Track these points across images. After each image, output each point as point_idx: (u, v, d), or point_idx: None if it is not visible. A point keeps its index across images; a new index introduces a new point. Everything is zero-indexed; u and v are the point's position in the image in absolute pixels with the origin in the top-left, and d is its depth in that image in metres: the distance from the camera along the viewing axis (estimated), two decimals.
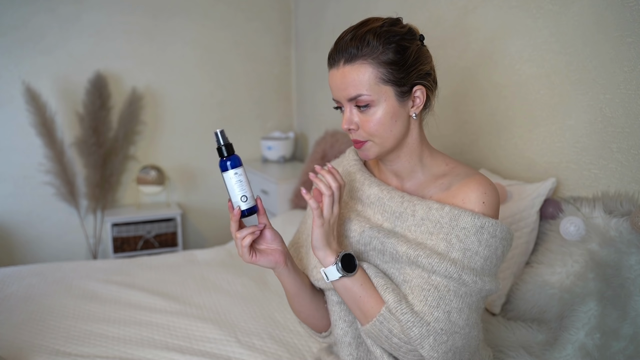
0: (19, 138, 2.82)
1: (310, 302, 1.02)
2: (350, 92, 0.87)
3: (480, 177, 0.92)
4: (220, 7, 3.17)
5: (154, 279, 1.91)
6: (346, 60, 0.87)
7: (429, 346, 0.84)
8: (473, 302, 0.87)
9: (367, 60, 0.85)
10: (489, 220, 0.87)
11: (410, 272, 0.89)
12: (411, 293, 0.87)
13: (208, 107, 3.25)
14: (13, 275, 1.88)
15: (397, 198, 0.94)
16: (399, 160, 0.96)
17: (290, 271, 0.96)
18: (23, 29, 2.75)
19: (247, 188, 0.89)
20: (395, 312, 0.85)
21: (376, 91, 0.86)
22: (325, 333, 1.07)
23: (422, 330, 0.84)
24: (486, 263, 0.87)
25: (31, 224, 2.94)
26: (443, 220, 0.88)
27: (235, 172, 0.88)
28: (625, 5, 1.22)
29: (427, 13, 1.97)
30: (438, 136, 1.98)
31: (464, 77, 1.80)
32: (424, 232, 0.90)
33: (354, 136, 0.91)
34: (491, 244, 0.87)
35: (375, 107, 0.87)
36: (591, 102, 1.34)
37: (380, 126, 0.88)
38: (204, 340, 1.44)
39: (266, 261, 0.92)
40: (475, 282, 0.85)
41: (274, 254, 0.93)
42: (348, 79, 0.87)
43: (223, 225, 3.42)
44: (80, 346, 1.41)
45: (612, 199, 1.20)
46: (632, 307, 1.05)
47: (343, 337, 0.99)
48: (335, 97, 0.91)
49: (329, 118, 2.90)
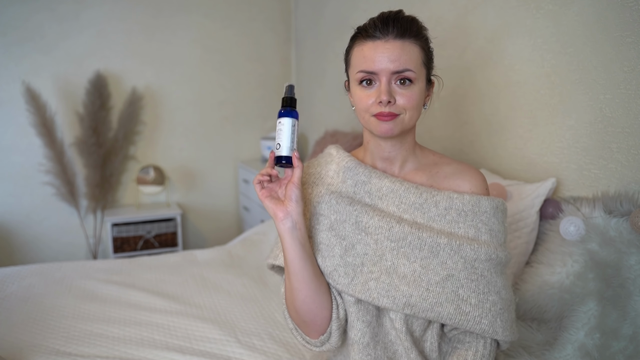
0: (19, 138, 2.82)
1: (310, 281, 0.93)
2: (400, 65, 0.88)
3: (472, 166, 1.02)
4: (220, 7, 3.17)
5: (154, 279, 1.91)
6: (399, 34, 0.89)
7: (500, 328, 0.91)
8: (505, 273, 0.97)
9: (418, 41, 0.91)
10: (499, 200, 0.96)
11: (453, 266, 0.90)
12: (461, 287, 0.90)
13: (208, 107, 3.25)
14: (13, 275, 1.88)
15: (412, 189, 0.95)
16: (398, 147, 0.97)
17: (293, 237, 0.91)
18: (23, 29, 2.75)
19: (293, 142, 0.93)
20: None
21: (419, 70, 0.91)
22: (323, 337, 0.97)
23: (489, 318, 0.90)
24: (504, 236, 0.97)
25: (31, 224, 2.94)
26: (466, 208, 0.93)
27: (293, 123, 0.93)
28: (625, 5, 1.22)
29: (427, 13, 1.97)
30: (438, 136, 1.98)
31: (464, 77, 1.80)
32: (450, 221, 0.93)
33: (389, 108, 0.89)
34: (504, 220, 0.97)
35: (414, 85, 0.90)
36: (591, 102, 1.34)
37: (414, 103, 0.91)
38: (204, 340, 1.44)
39: (269, 205, 0.92)
40: (506, 256, 0.95)
41: (278, 205, 0.91)
42: (400, 52, 0.89)
43: (223, 225, 3.42)
44: (80, 346, 1.41)
45: (612, 199, 1.20)
46: (632, 307, 1.05)
47: (361, 339, 0.95)
48: (372, 69, 0.89)
49: (329, 118, 2.90)
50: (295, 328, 1.00)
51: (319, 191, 1.01)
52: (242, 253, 2.20)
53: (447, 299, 0.89)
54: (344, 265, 0.94)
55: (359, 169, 0.99)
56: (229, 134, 3.35)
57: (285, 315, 1.02)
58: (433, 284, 0.90)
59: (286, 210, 0.91)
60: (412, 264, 0.91)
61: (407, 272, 0.91)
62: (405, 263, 0.91)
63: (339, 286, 0.94)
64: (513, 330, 0.93)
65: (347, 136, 2.40)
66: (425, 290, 0.90)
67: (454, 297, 0.89)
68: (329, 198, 0.98)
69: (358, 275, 0.93)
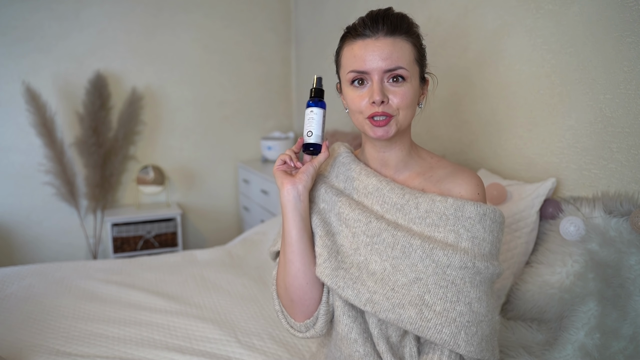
0: (19, 138, 2.82)
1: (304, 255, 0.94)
2: (391, 63, 0.87)
3: (469, 170, 0.97)
4: (220, 7, 3.17)
5: (154, 279, 1.91)
6: (389, 31, 0.87)
7: (463, 342, 0.84)
8: (487, 287, 0.90)
9: (409, 38, 0.89)
10: (489, 207, 0.91)
11: (423, 269, 0.87)
12: (428, 292, 0.86)
13: (208, 107, 3.25)
14: (13, 275, 1.88)
15: (397, 190, 0.94)
16: (394, 148, 0.96)
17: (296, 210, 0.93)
18: (23, 28, 2.75)
19: (323, 131, 0.96)
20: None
21: (411, 68, 0.89)
22: (309, 321, 0.97)
23: (452, 328, 0.84)
24: (492, 248, 0.91)
25: (31, 224, 2.94)
26: (448, 212, 0.89)
27: (324, 113, 0.96)
28: (625, 5, 1.22)
29: (427, 13, 1.97)
30: (438, 136, 1.98)
31: (464, 77, 1.80)
32: (430, 224, 0.90)
33: (383, 108, 0.88)
34: (493, 229, 0.91)
35: (407, 83, 0.89)
36: (591, 102, 1.34)
37: (408, 102, 0.89)
38: (204, 340, 1.44)
39: (280, 175, 0.95)
40: (487, 268, 0.88)
41: (287, 177, 0.94)
42: (392, 50, 0.87)
43: (223, 225, 3.42)
44: (80, 346, 1.41)
45: (612, 199, 1.20)
46: (632, 307, 1.05)
47: (348, 334, 0.94)
48: (363, 68, 0.88)
49: (329, 118, 2.90)
50: (281, 310, 1.00)
51: (315, 181, 1.03)
52: (242, 253, 2.20)
53: (411, 302, 0.85)
54: (321, 246, 0.95)
55: (352, 165, 1.00)
56: (229, 134, 3.35)
57: (273, 296, 1.02)
58: (399, 285, 0.87)
59: (294, 182, 0.93)
60: (383, 262, 0.90)
61: (377, 270, 0.90)
62: (377, 260, 0.91)
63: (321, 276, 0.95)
64: (482, 348, 0.86)
65: (347, 136, 2.41)
66: (391, 289, 0.87)
67: (419, 301, 0.85)
68: (319, 186, 1.01)
69: (331, 258, 0.93)
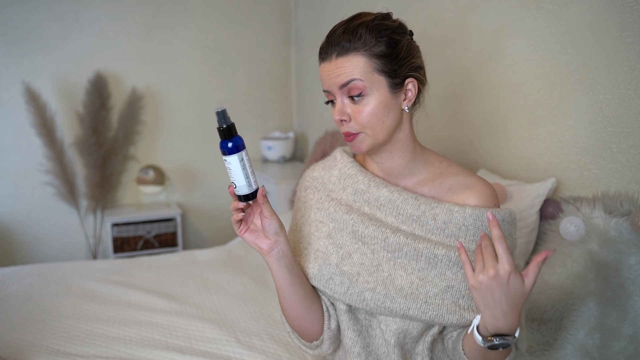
0: (19, 138, 2.82)
1: (300, 302, 0.95)
2: (342, 79, 0.85)
3: (482, 180, 0.94)
4: (220, 7, 3.17)
5: (154, 279, 1.91)
6: (339, 53, 0.85)
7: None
8: None
9: (360, 52, 0.85)
10: (505, 211, 0.92)
11: (452, 277, 0.88)
12: (462, 297, 0.87)
13: (208, 107, 3.25)
14: (13, 275, 1.88)
15: (411, 200, 0.91)
16: (392, 158, 0.93)
17: (281, 265, 0.90)
18: (23, 29, 2.75)
19: (249, 175, 0.83)
20: None
21: (369, 79, 0.85)
22: (317, 342, 0.99)
23: None
24: (512, 249, 0.92)
25: (31, 224, 2.94)
26: (467, 222, 0.88)
27: (240, 157, 0.82)
28: (625, 5, 1.22)
29: (427, 13, 1.97)
30: (438, 136, 1.98)
31: (464, 77, 1.80)
32: (449, 235, 0.89)
33: (346, 128, 0.88)
34: (512, 233, 0.93)
35: (368, 96, 0.85)
36: (591, 102, 1.34)
37: (372, 117, 0.86)
38: (204, 340, 1.44)
39: (250, 239, 0.89)
40: None
41: (260, 238, 0.89)
42: (341, 67, 0.85)
43: (223, 225, 3.42)
44: (80, 346, 1.41)
45: (612, 199, 1.20)
46: (632, 307, 1.05)
47: (352, 347, 0.96)
48: (326, 88, 0.89)
49: (329, 118, 2.90)
50: (291, 331, 1.02)
51: (319, 197, 1.00)
52: (242, 253, 2.20)
53: (448, 311, 0.87)
54: (339, 274, 0.93)
55: (359, 177, 0.97)
56: None
57: (282, 319, 1.03)
58: (432, 296, 0.88)
59: (268, 243, 0.89)
60: (410, 276, 0.89)
61: (404, 284, 0.89)
62: (402, 274, 0.89)
63: (335, 295, 0.93)
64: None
65: None
66: (424, 302, 0.87)
67: (455, 307, 0.87)
68: (328, 205, 0.97)
69: (354, 284, 0.91)
